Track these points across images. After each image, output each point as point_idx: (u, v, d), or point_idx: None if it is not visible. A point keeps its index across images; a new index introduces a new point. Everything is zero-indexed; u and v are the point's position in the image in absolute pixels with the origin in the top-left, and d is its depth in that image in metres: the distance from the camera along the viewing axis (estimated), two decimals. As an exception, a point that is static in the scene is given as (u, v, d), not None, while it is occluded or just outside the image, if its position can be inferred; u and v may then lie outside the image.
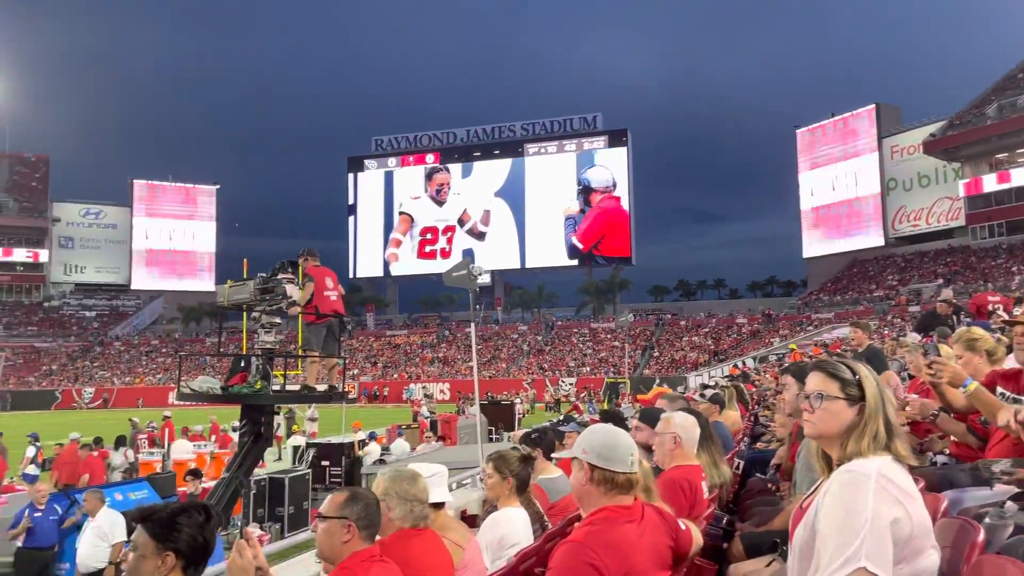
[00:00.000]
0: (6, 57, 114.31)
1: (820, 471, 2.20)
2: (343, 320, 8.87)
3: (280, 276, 7.76)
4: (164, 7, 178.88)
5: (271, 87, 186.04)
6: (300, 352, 8.76)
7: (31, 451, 16.00)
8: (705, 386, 9.76)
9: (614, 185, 69.74)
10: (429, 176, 74.49)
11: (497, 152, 73.04)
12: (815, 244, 68.26)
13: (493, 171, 72.56)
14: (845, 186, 65.48)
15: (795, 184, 70.18)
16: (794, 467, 4.10)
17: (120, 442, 17.38)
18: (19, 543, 8.94)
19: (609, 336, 62.65)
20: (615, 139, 70.25)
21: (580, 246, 69.96)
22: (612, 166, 69.58)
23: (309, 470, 13.71)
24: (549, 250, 71.01)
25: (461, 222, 72.68)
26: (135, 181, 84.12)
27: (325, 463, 14.55)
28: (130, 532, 6.99)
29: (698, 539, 2.91)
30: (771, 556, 3.04)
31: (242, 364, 8.05)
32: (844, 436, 2.09)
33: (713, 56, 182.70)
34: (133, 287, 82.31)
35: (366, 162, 76.68)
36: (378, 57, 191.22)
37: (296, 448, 16.82)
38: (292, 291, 7.71)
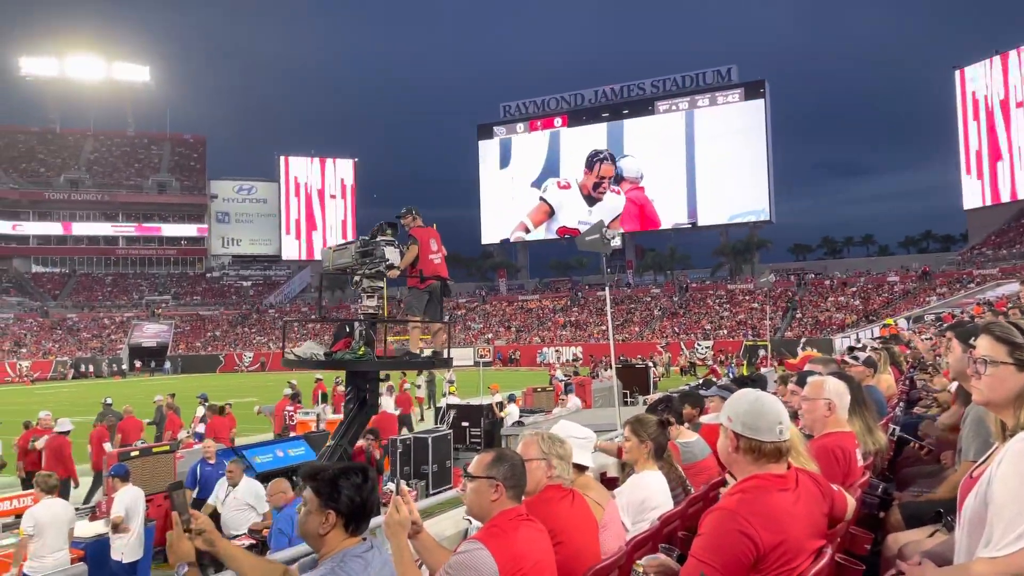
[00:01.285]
0: (165, 48, 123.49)
1: (996, 437, 2.07)
2: (446, 283, 8.34)
3: (379, 238, 7.41)
4: (303, 1, 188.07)
5: (403, 65, 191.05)
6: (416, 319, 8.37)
7: (200, 411, 17.42)
8: (852, 348, 9.27)
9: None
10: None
11: (626, 112, 71.57)
12: (977, 194, 62.87)
13: (627, 130, 71.24)
14: (1012, 129, 59.72)
15: (954, 130, 64.71)
16: (958, 434, 3.84)
17: (324, 399, 19.54)
18: (194, 495, 9.83)
19: (747, 297, 60.65)
20: (751, 91, 67.16)
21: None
22: (747, 120, 66.65)
23: (450, 430, 14.22)
24: (676, 210, 69.26)
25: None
26: (281, 157, 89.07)
27: (465, 424, 15.02)
28: (292, 484, 7.41)
29: (851, 504, 2.80)
30: (934, 527, 2.87)
31: (346, 330, 7.75)
32: (1016, 403, 1.97)
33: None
34: (283, 258, 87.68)
35: (495, 129, 77.32)
36: (503, 23, 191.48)
37: (438, 409, 17.46)
38: (391, 254, 7.33)
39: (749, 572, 2.26)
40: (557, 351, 54.91)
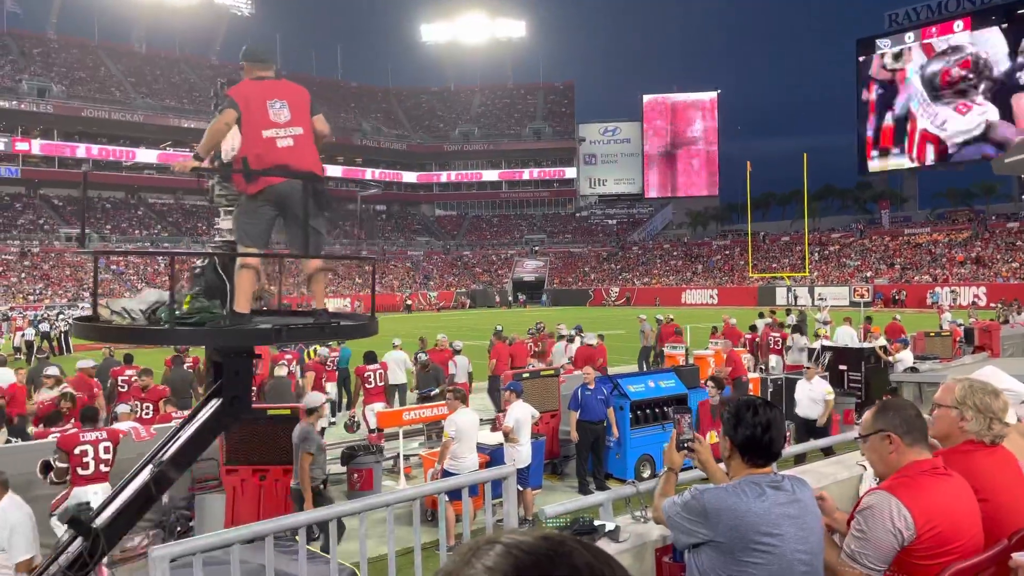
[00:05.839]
0: (538, 3, 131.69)
1: None
2: (317, 185, 4.27)
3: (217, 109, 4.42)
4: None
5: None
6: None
7: (578, 341, 18.81)
8: None
9: None
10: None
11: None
12: None
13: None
14: None
15: None
16: None
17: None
18: (577, 417, 10.72)
19: None
20: None
21: None
22: None
23: (827, 373, 13.46)
24: None
25: None
26: (644, 96, 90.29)
27: (843, 368, 14.10)
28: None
29: None
30: None
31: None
32: None
33: None
34: (646, 196, 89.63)
35: (878, 42, 68.94)
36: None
37: (811, 351, 16.60)
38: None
39: None
40: (953, 291, 48.32)
